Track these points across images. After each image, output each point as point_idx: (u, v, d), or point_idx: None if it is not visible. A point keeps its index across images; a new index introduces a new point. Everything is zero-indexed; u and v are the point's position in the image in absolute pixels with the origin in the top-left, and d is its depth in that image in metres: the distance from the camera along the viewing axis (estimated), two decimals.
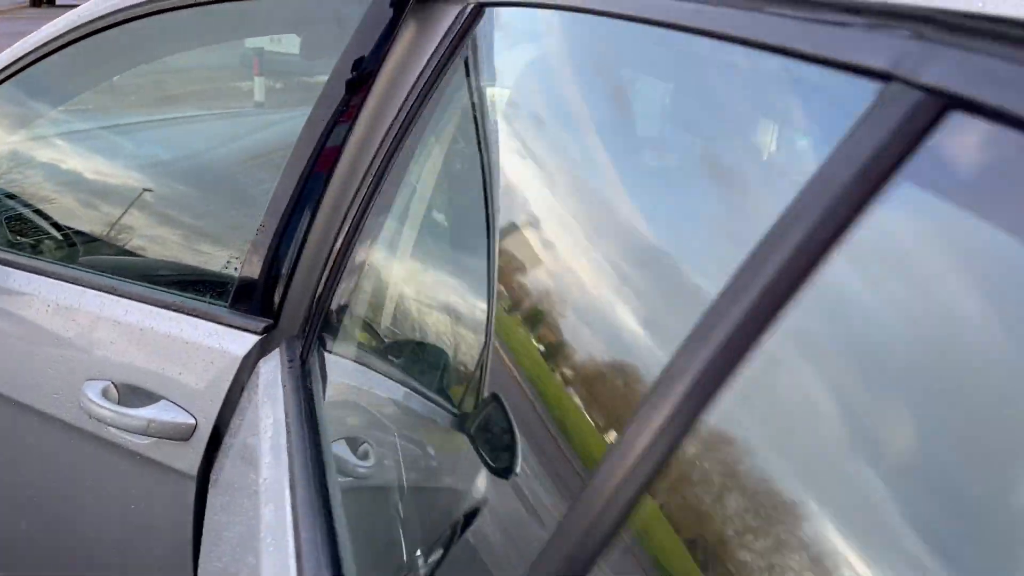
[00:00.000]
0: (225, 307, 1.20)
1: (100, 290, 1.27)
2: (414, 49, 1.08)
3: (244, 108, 2.33)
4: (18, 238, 1.53)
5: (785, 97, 0.55)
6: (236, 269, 1.25)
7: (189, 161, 1.85)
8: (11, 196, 1.57)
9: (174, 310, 1.20)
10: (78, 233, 1.52)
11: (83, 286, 1.28)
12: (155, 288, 1.26)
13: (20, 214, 1.56)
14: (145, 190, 1.55)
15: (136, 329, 1.20)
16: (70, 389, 1.24)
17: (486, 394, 0.78)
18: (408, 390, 0.94)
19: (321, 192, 1.15)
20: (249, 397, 1.10)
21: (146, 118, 1.99)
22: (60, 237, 1.52)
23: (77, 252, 1.48)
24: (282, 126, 1.96)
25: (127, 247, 1.48)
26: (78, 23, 1.31)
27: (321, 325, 1.09)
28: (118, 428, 1.18)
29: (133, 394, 1.21)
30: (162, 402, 1.17)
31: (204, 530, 1.08)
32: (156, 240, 1.47)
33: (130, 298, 1.24)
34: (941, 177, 0.38)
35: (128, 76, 1.80)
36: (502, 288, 0.80)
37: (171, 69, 1.90)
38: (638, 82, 0.84)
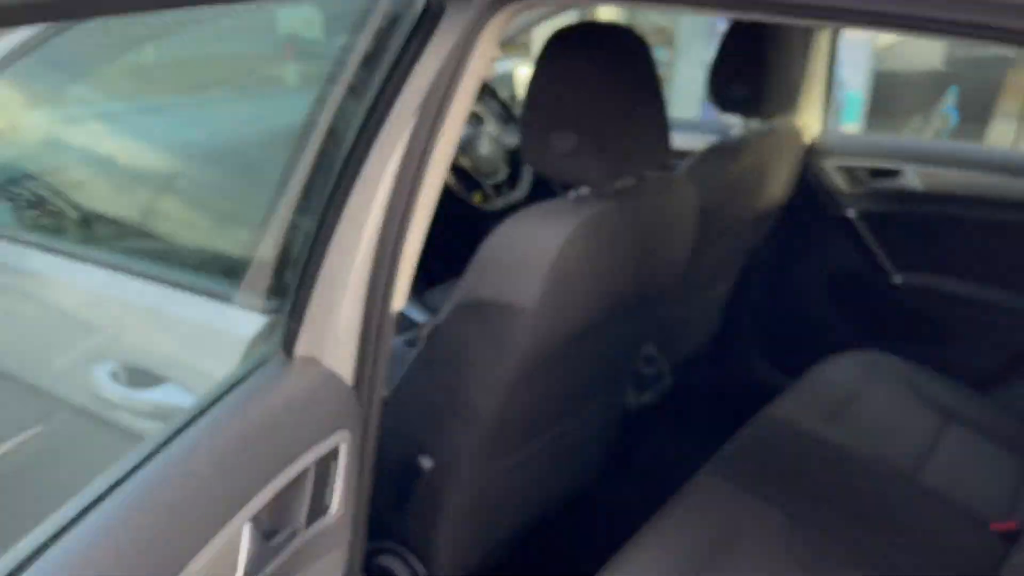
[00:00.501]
0: (236, 287, 1.17)
1: (111, 268, 1.24)
2: None
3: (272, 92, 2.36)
4: (38, 220, 1.51)
5: None
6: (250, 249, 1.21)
7: (206, 144, 1.84)
8: (31, 176, 1.56)
9: (185, 290, 1.17)
10: (97, 215, 1.51)
11: (95, 264, 1.26)
12: (166, 267, 1.23)
13: (40, 195, 1.55)
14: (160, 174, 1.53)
15: (143, 309, 1.18)
16: (79, 370, 1.21)
17: None
18: None
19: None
20: None
21: (175, 100, 2.00)
22: (79, 218, 1.50)
23: (94, 233, 1.46)
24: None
25: (143, 227, 1.46)
26: None
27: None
28: (126, 411, 1.15)
29: (142, 376, 1.18)
30: (168, 384, 1.14)
31: None
32: (173, 219, 1.44)
33: (140, 277, 1.21)
34: None
35: (159, 60, 1.80)
36: None
37: (203, 55, 1.91)
38: None
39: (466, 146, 2.40)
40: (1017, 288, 2.21)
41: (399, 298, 1.10)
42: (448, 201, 2.38)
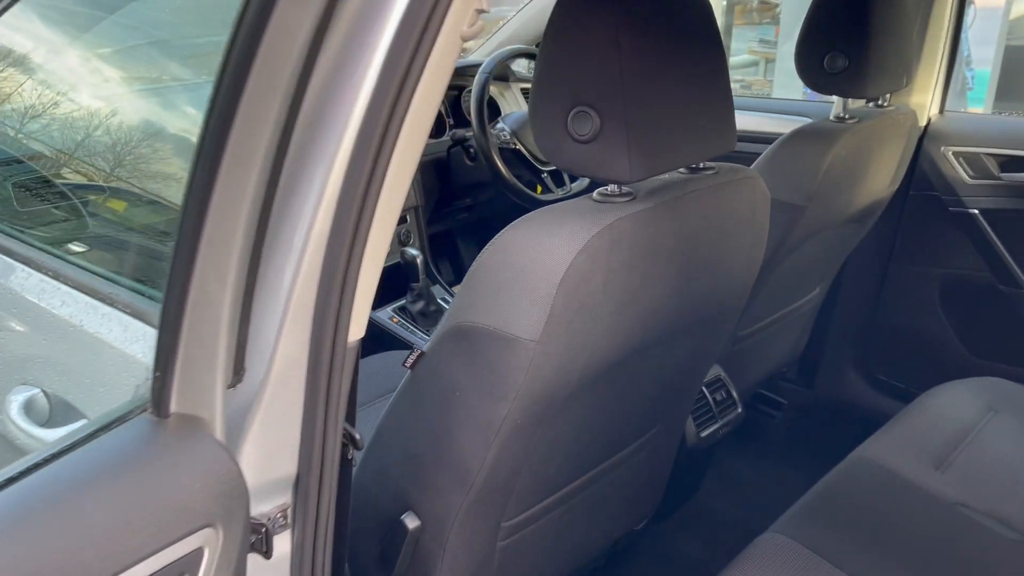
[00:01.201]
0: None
1: (45, 273, 1.04)
2: None
3: None
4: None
5: None
6: None
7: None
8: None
9: (108, 304, 0.96)
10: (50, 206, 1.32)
11: (32, 268, 1.07)
12: (97, 274, 1.02)
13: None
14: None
15: (68, 324, 0.97)
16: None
17: None
18: None
19: None
20: None
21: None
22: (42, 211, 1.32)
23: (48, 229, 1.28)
24: None
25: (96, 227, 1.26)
26: None
27: None
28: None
29: (65, 408, 0.97)
30: (83, 423, 0.93)
31: None
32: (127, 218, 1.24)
33: (69, 285, 1.01)
34: None
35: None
36: None
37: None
38: None
39: (520, 129, 2.14)
40: None
41: (357, 326, 0.86)
42: (503, 194, 2.18)
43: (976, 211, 1.94)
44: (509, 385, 0.92)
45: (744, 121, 2.24)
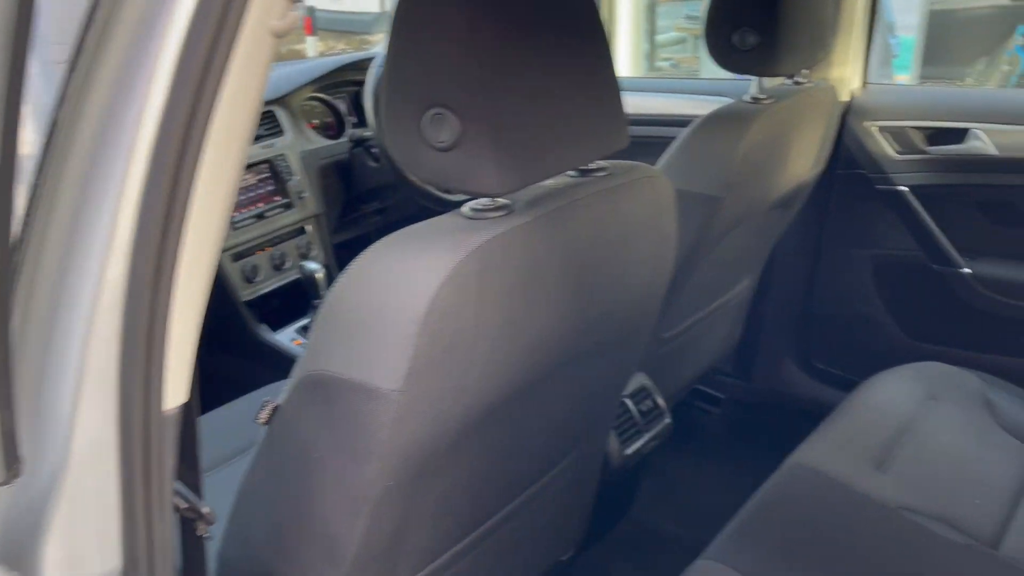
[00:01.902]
0: None
1: None
2: None
3: None
4: None
5: None
6: None
7: None
8: None
9: None
10: None
11: None
12: None
13: None
14: None
15: None
16: None
17: None
18: None
19: None
20: None
21: None
22: None
23: None
24: None
25: None
26: None
27: None
28: None
29: None
30: None
31: None
32: None
33: None
34: None
35: None
36: None
37: None
38: None
39: None
40: None
41: (175, 392, 0.71)
42: (413, 199, 2.03)
43: (905, 188, 1.85)
44: (373, 443, 0.78)
45: (663, 104, 2.13)
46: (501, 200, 0.83)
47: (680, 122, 1.50)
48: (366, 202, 2.20)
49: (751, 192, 1.47)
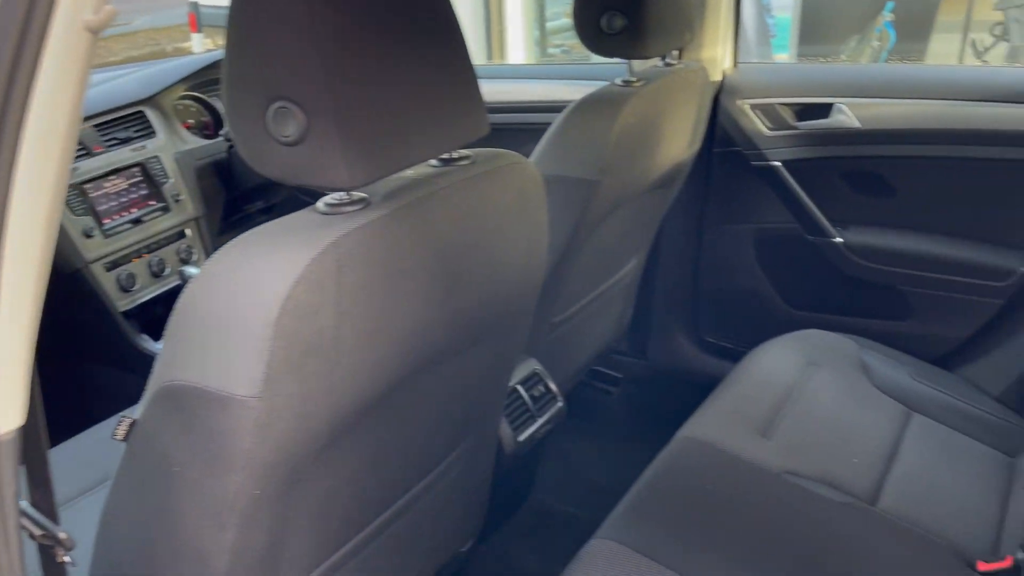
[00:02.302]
0: None
1: None
2: None
3: None
4: None
5: None
6: None
7: None
8: None
9: None
10: None
11: None
12: None
13: None
14: None
15: None
16: None
17: None
18: None
19: None
20: None
21: None
22: None
23: None
24: None
25: None
26: None
27: None
28: None
29: None
30: None
31: None
32: None
33: None
34: None
35: None
36: None
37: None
38: None
39: None
40: (984, 240, 1.81)
41: (9, 412, 0.66)
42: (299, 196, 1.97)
43: (778, 163, 1.91)
44: (235, 453, 0.75)
45: (543, 91, 2.14)
46: (357, 194, 0.81)
47: (559, 108, 1.51)
48: (250, 201, 2.14)
49: (628, 174, 1.49)
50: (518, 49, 5.29)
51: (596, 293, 1.75)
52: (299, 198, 2.02)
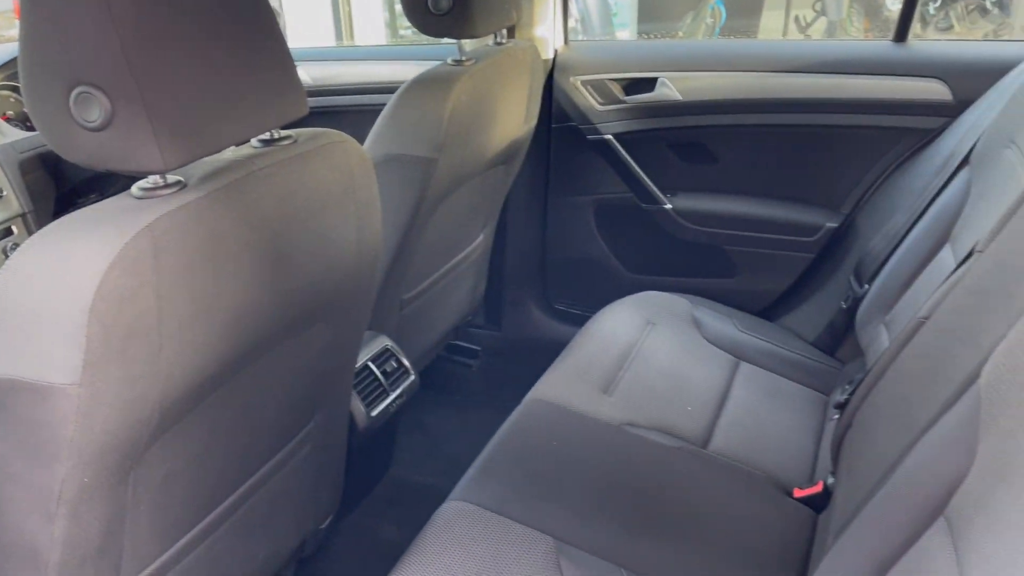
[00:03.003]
0: None
1: None
2: None
3: None
4: None
5: None
6: None
7: None
8: None
9: None
10: None
11: None
12: None
13: None
14: None
15: None
16: None
17: None
18: None
19: None
20: None
21: None
22: None
23: None
24: None
25: None
26: None
27: None
28: None
29: None
30: None
31: None
32: None
33: None
34: None
35: None
36: None
37: None
38: None
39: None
40: (795, 200, 1.98)
41: None
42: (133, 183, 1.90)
43: (610, 136, 2.02)
44: (58, 442, 0.75)
45: (385, 71, 2.15)
46: (172, 177, 0.82)
47: (391, 88, 1.54)
48: (83, 194, 2.04)
49: (464, 151, 1.54)
50: (374, 32, 5.24)
51: (446, 269, 1.80)
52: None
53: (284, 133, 0.97)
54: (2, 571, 0.82)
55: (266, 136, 0.95)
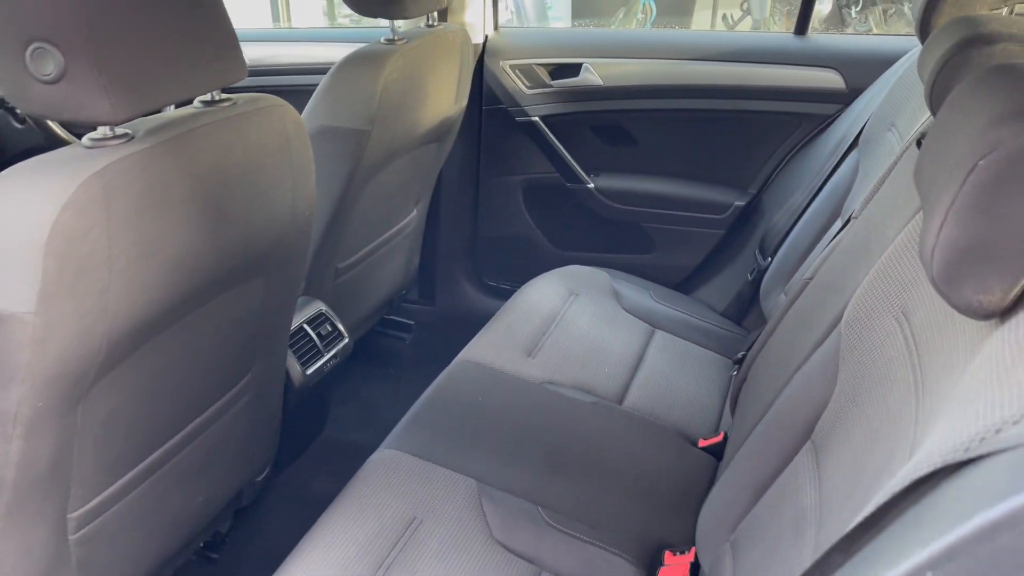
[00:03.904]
0: None
1: None
2: None
3: None
4: None
5: None
6: None
7: None
8: None
9: None
10: None
11: None
12: None
13: None
14: None
15: None
16: None
17: None
18: None
19: None
20: None
21: None
22: None
23: None
24: None
25: None
26: None
27: None
28: None
29: None
30: None
31: None
32: None
33: None
34: None
35: None
36: None
37: None
38: None
39: None
40: (707, 180, 2.12)
41: None
42: None
43: (537, 118, 2.13)
44: (15, 366, 0.82)
45: (309, 52, 2.22)
46: (120, 129, 0.89)
47: (326, 70, 1.62)
48: None
49: (396, 126, 1.63)
50: (312, 17, 5.26)
51: (380, 240, 1.88)
52: None
53: (224, 96, 1.04)
54: None
55: (207, 98, 1.03)
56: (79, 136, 1.83)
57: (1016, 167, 0.58)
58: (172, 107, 1.07)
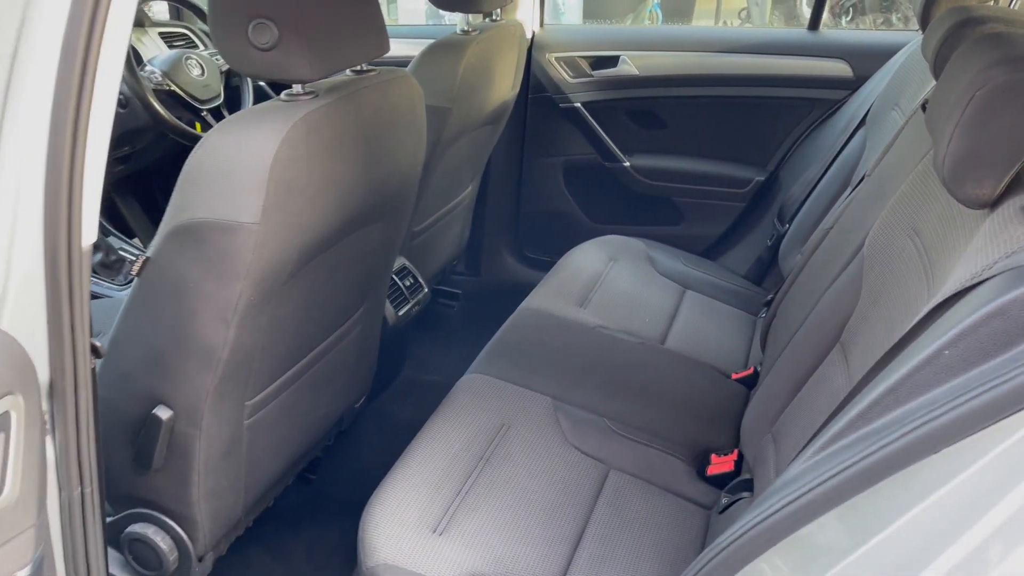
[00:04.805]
0: None
1: None
2: None
3: None
4: None
5: None
6: None
7: None
8: None
9: None
10: None
11: None
12: None
13: None
14: None
15: None
16: None
17: None
18: None
19: None
20: None
21: None
22: None
23: None
24: None
25: None
26: None
27: None
28: None
29: None
30: None
31: None
32: None
33: None
34: None
35: None
36: None
37: None
38: None
39: (171, 70, 2.15)
40: (730, 159, 2.40)
41: (88, 231, 0.94)
42: (162, 139, 2.18)
43: (579, 104, 2.40)
44: (240, 266, 1.07)
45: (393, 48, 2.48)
46: (309, 87, 1.15)
47: (404, 63, 1.86)
48: (114, 149, 2.30)
49: (470, 105, 1.89)
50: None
51: (445, 210, 2.14)
52: (161, 145, 2.22)
53: (369, 67, 1.30)
54: (181, 367, 1.13)
55: (357, 68, 1.28)
56: (178, 118, 2.05)
57: (1002, 96, 0.85)
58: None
